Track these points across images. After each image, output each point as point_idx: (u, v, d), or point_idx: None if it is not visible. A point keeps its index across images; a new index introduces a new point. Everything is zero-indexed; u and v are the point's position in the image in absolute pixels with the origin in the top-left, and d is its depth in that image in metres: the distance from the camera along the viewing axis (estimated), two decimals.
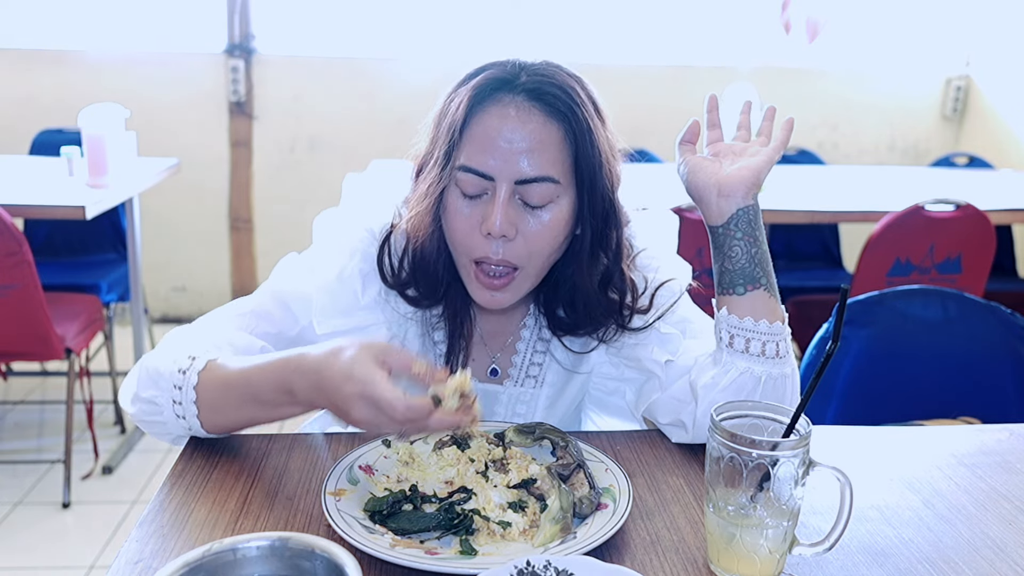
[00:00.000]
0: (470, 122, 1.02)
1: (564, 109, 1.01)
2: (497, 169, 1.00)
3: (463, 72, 1.07)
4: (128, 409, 1.05)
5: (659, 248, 1.18)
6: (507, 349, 1.19)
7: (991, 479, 1.04)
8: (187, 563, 0.67)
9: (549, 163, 1.01)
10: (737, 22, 4.19)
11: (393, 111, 3.98)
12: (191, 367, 0.98)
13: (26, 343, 2.44)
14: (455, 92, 1.05)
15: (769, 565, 0.82)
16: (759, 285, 1.01)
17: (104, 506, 2.58)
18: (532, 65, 1.04)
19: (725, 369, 1.02)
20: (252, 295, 1.13)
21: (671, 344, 1.11)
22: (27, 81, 3.90)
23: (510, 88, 1.02)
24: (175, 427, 1.01)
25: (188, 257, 4.15)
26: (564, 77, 1.04)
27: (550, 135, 1.01)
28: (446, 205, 1.04)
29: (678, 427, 1.09)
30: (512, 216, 1.01)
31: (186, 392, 0.98)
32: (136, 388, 1.03)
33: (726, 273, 1.03)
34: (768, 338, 1.01)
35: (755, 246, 1.02)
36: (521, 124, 1.00)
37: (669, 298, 1.13)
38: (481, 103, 1.02)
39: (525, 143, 1.00)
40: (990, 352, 1.56)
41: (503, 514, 0.90)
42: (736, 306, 1.02)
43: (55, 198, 2.54)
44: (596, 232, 1.07)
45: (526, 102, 1.01)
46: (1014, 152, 4.04)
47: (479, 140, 1.01)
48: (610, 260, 1.09)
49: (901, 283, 1.99)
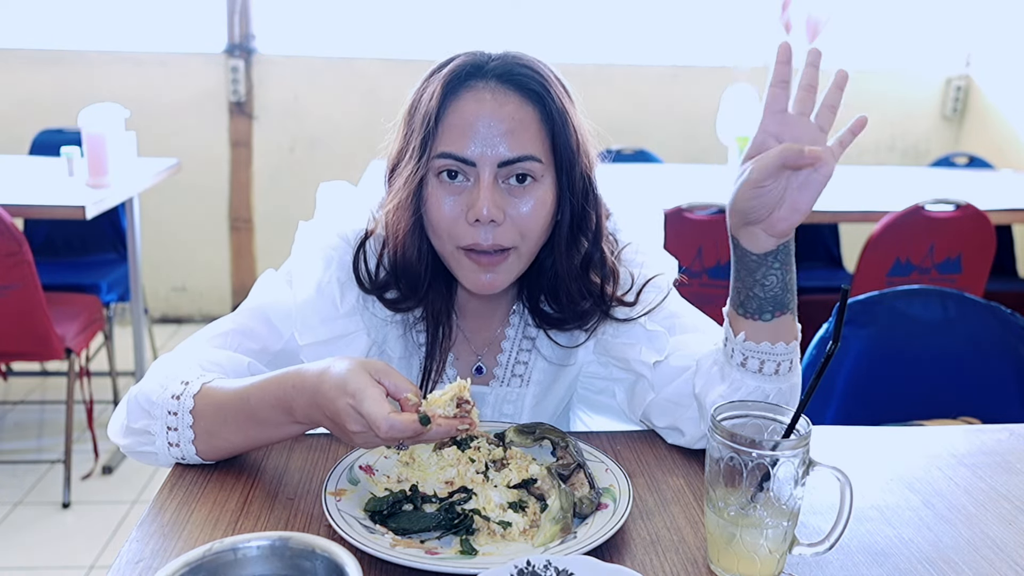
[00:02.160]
0: (445, 111, 1.01)
1: (539, 89, 1.02)
2: (478, 154, 1.00)
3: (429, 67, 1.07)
4: (119, 441, 1.03)
5: (645, 242, 1.17)
6: (492, 347, 1.18)
7: (991, 479, 1.04)
8: (187, 563, 0.67)
9: (529, 142, 1.01)
10: (737, 22, 4.19)
11: (393, 111, 3.97)
12: (185, 392, 0.97)
13: (26, 343, 2.44)
14: (425, 84, 1.05)
15: (769, 565, 0.82)
16: (787, 310, 0.96)
17: (104, 506, 2.59)
18: (498, 53, 1.05)
19: (735, 387, 0.99)
20: (231, 315, 1.11)
21: (658, 342, 1.09)
22: (27, 81, 3.90)
23: (481, 74, 1.02)
24: (165, 457, 0.99)
25: (188, 257, 4.15)
26: (532, 60, 1.05)
27: (527, 115, 1.02)
28: (426, 197, 1.03)
29: (675, 431, 1.08)
30: (498, 200, 1.00)
31: (182, 417, 0.96)
32: (126, 419, 1.01)
33: (755, 299, 0.96)
34: (783, 358, 0.97)
35: (789, 272, 0.95)
36: (498, 106, 1.00)
37: (657, 295, 1.12)
38: (455, 91, 1.02)
39: (504, 125, 1.00)
40: (990, 352, 1.56)
41: (503, 514, 0.90)
42: (758, 332, 0.97)
43: (55, 198, 2.54)
44: (576, 214, 1.07)
45: (500, 86, 1.02)
46: (1014, 152, 4.04)
47: (457, 127, 1.00)
48: (590, 242, 1.09)
49: (901, 283, 1.99)
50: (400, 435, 0.84)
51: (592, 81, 4.09)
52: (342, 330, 1.09)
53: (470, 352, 1.18)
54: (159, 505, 0.92)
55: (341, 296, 1.08)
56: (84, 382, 2.79)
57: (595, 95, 4.64)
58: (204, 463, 1.00)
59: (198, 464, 1.00)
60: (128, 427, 1.01)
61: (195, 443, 0.97)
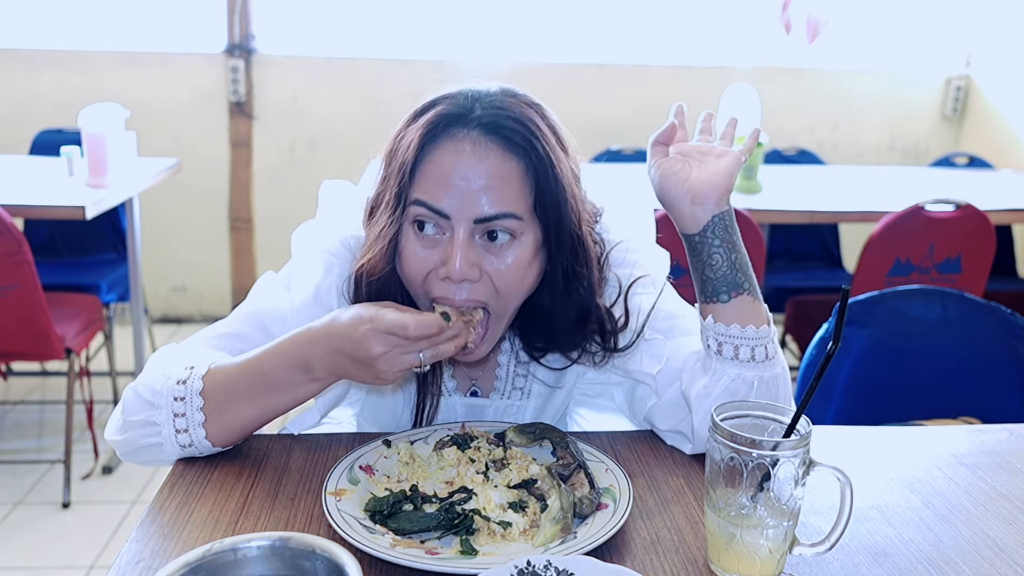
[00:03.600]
0: (423, 160, 0.97)
1: (523, 143, 0.97)
2: (453, 208, 0.95)
3: (415, 105, 1.02)
4: (116, 438, 1.00)
5: (636, 240, 1.14)
6: (487, 373, 1.16)
7: (991, 479, 1.04)
8: (187, 563, 0.67)
9: (509, 200, 0.96)
10: (737, 22, 4.19)
11: (393, 111, 3.95)
12: (192, 375, 0.96)
13: (26, 343, 2.44)
14: (405, 130, 1.00)
15: (769, 565, 0.82)
16: (743, 291, 0.99)
17: (104, 506, 2.59)
18: (487, 95, 0.99)
19: (716, 377, 1.00)
20: (227, 319, 1.10)
21: (657, 349, 1.09)
22: (27, 81, 3.90)
23: (464, 123, 0.97)
24: (171, 447, 0.97)
25: (188, 257, 4.15)
26: (521, 108, 0.99)
27: (509, 170, 0.96)
28: (401, 249, 0.99)
29: (677, 435, 1.08)
30: (473, 257, 0.96)
31: (190, 401, 0.95)
32: (124, 415, 0.99)
33: (708, 282, 1.00)
34: (756, 343, 0.99)
35: (734, 251, 0.99)
36: (478, 160, 0.95)
37: (649, 298, 1.10)
38: (434, 139, 0.97)
39: (483, 180, 0.95)
40: (990, 352, 1.56)
41: (503, 514, 0.90)
42: (721, 314, 0.99)
43: (55, 198, 2.54)
44: (566, 269, 1.02)
45: (482, 137, 0.96)
46: (1014, 152, 4.04)
47: (433, 178, 0.96)
48: (585, 293, 1.05)
49: (901, 283, 1.99)
50: (427, 331, 0.87)
51: (592, 81, 4.09)
52: None
53: (465, 376, 1.16)
54: (159, 505, 0.92)
55: (338, 306, 1.06)
56: (84, 382, 2.79)
57: (595, 95, 4.64)
58: (211, 452, 1.00)
59: (202, 457, 1.00)
60: (127, 422, 0.98)
61: (205, 426, 0.96)
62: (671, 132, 1.05)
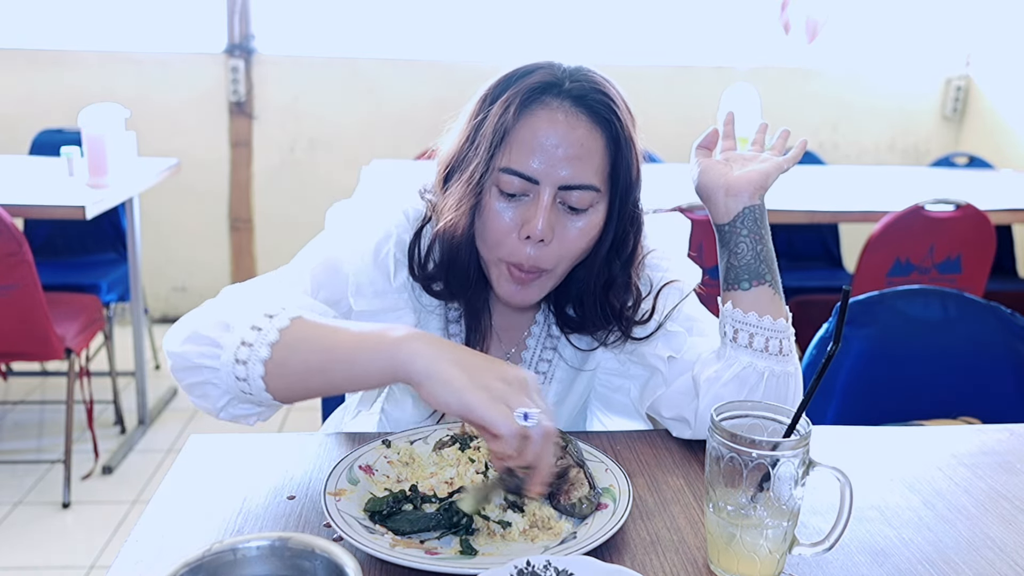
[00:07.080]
0: (517, 124, 1.01)
1: (609, 116, 1.02)
2: (542, 173, 1.00)
3: (500, 72, 1.05)
4: (174, 348, 0.93)
5: (670, 250, 1.19)
6: (519, 345, 1.20)
7: (991, 479, 1.04)
8: (187, 563, 0.67)
9: (592, 171, 1.01)
10: (737, 22, 4.19)
11: (393, 111, 3.98)
12: (282, 313, 0.90)
13: (26, 343, 2.43)
14: (497, 91, 1.03)
15: (769, 565, 0.82)
16: (764, 281, 1.03)
17: (104, 506, 2.58)
18: (572, 70, 1.04)
19: (728, 363, 1.03)
20: (296, 261, 1.09)
21: (676, 341, 1.12)
22: (27, 81, 3.90)
23: (557, 92, 1.01)
24: (225, 379, 0.90)
25: (188, 257, 4.15)
26: (602, 83, 1.05)
27: (595, 142, 1.01)
28: (484, 206, 1.03)
29: (680, 422, 1.09)
30: (553, 220, 1.01)
31: (266, 333, 0.88)
32: (195, 326, 0.92)
33: (732, 269, 1.04)
34: (772, 334, 1.02)
35: (761, 243, 1.04)
36: (570, 129, 1.00)
37: (675, 299, 1.14)
38: (529, 106, 1.01)
39: (572, 149, 1.00)
40: (990, 352, 1.56)
41: (503, 514, 0.90)
42: (741, 301, 1.03)
43: (55, 198, 2.53)
44: (617, 237, 1.08)
45: (573, 108, 1.01)
46: (1014, 152, 4.04)
47: (526, 143, 1.00)
48: (620, 264, 1.10)
49: (901, 283, 2.00)
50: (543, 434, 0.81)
51: None
52: (392, 304, 1.10)
53: (499, 349, 1.19)
54: (159, 505, 0.92)
55: (394, 272, 1.10)
56: (84, 382, 2.79)
57: None
58: (260, 401, 0.92)
59: (202, 456, 1.00)
60: (195, 333, 0.92)
61: (267, 363, 0.88)
62: (713, 137, 1.11)
